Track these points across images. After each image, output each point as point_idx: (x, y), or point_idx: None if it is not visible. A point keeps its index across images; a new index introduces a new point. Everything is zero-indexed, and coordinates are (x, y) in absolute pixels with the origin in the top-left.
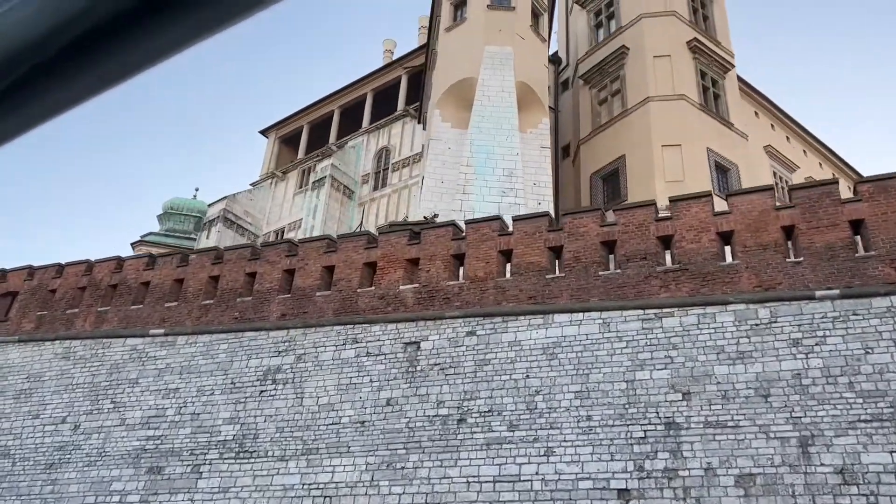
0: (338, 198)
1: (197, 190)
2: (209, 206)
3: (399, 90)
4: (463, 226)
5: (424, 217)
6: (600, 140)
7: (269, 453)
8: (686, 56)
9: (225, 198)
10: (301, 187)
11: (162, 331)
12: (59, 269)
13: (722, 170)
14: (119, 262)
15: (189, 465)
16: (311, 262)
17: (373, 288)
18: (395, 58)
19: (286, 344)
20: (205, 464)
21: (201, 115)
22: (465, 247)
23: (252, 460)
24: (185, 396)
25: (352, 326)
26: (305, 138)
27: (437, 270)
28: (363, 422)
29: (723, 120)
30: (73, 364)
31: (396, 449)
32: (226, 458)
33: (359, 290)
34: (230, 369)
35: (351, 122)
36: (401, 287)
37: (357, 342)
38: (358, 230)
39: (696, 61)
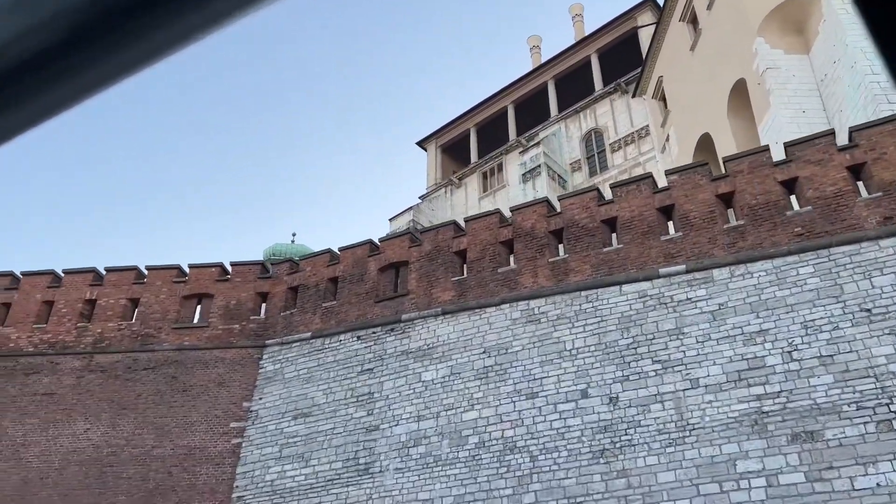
0: (554, 187)
1: (294, 235)
2: (390, 219)
3: (591, 70)
4: None
5: None
6: None
7: None
8: None
9: (410, 208)
10: (486, 190)
11: (682, 267)
12: (456, 227)
13: None
14: (548, 204)
15: (861, 423)
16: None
17: None
18: (544, 55)
19: None
20: None
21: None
22: None
23: None
24: (784, 337)
25: None
26: (475, 141)
27: None
28: None
29: None
30: (552, 326)
31: None
32: None
33: None
34: (840, 296)
35: (528, 114)
36: None
37: None
38: None
39: None
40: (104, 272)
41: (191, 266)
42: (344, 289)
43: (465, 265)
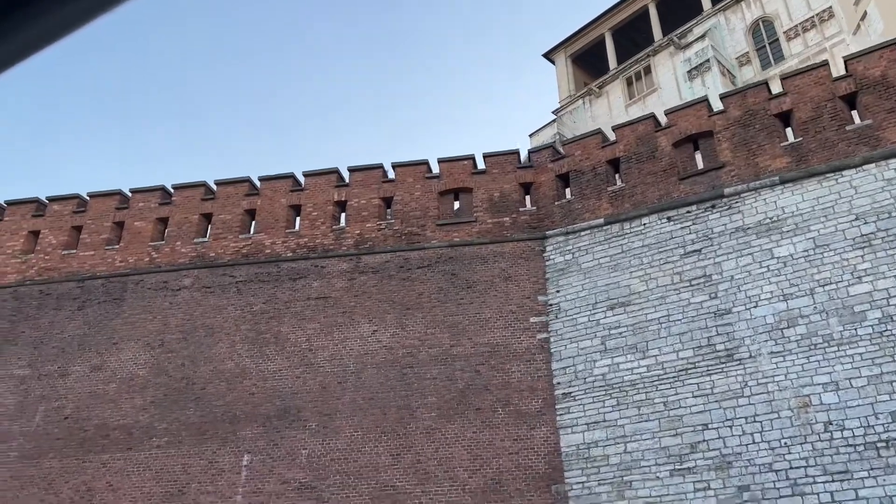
0: (726, 84)
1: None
2: (530, 135)
3: None
4: None
5: None
6: None
7: None
8: None
9: (553, 121)
10: (632, 97)
11: None
12: (768, 88)
13: None
14: None
15: None
16: None
17: None
18: None
19: None
20: None
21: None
22: None
23: None
24: None
25: None
26: (612, 46)
27: None
28: None
29: None
30: None
31: None
32: None
33: None
34: None
35: (673, 11)
36: None
37: None
38: None
39: None
40: (347, 173)
41: (440, 161)
42: (631, 169)
43: (788, 128)
